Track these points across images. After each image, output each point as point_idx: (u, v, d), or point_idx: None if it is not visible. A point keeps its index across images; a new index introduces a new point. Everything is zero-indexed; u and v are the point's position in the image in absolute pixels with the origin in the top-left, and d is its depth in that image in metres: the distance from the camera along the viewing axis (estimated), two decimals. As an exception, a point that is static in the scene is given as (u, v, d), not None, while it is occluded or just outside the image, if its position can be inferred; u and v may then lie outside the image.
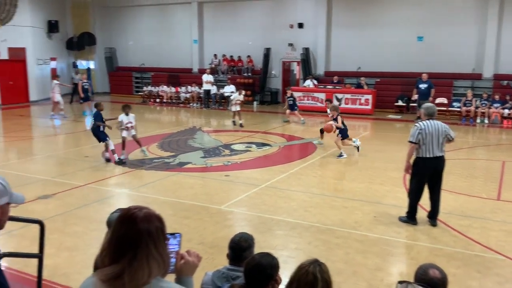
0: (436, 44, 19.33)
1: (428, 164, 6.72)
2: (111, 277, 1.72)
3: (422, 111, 6.89)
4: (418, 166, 6.82)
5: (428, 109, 6.82)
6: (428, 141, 6.63)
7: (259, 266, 2.75)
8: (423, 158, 6.71)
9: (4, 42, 22.14)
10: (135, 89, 26.30)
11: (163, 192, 8.58)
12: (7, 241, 6.02)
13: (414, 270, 5.47)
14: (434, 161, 6.71)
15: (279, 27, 22.51)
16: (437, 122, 6.75)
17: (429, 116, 6.76)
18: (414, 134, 6.68)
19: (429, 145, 6.64)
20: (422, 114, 6.92)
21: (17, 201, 2.36)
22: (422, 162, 6.73)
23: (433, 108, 6.86)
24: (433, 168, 6.77)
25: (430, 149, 6.65)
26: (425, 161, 6.70)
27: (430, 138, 6.62)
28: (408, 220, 6.96)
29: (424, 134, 6.61)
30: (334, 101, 13.79)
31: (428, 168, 6.75)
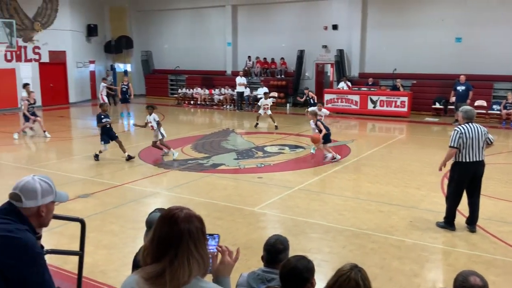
0: (475, 45, 18.80)
1: (468, 169, 6.55)
2: (153, 275, 1.76)
3: (461, 114, 6.71)
4: (457, 171, 6.65)
5: (467, 113, 6.64)
6: (469, 145, 6.46)
7: (295, 270, 2.74)
8: (463, 162, 6.54)
9: (45, 46, 22.96)
10: (170, 91, 26.73)
11: (197, 193, 8.68)
12: (48, 238, 6.20)
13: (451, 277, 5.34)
14: (474, 166, 6.54)
15: (313, 29, 22.40)
16: (476, 125, 6.58)
17: (468, 119, 6.59)
18: (454, 138, 6.50)
19: (469, 149, 6.47)
20: (460, 117, 6.74)
21: (61, 200, 2.45)
22: (462, 166, 6.56)
23: (472, 112, 6.69)
24: (473, 173, 6.59)
25: (470, 153, 6.49)
26: (465, 165, 6.54)
27: (471, 142, 6.46)
28: (446, 225, 6.80)
29: (464, 138, 6.45)
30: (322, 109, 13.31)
31: (468, 172, 6.58)
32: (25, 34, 22.37)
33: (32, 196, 2.25)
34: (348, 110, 19.60)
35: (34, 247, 2.15)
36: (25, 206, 2.23)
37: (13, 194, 2.25)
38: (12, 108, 21.20)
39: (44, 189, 2.30)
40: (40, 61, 22.93)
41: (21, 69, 22.21)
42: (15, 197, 2.24)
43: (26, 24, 22.38)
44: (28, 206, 2.24)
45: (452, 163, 6.71)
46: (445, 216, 6.85)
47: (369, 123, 18.02)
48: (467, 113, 6.63)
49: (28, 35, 22.50)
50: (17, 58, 22.06)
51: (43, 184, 2.30)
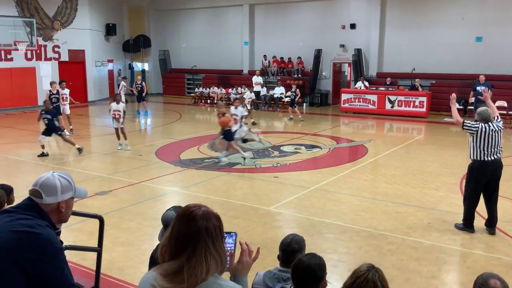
0: (496, 45, 18.48)
1: (486, 168, 6.47)
2: (170, 272, 1.77)
3: (476, 116, 6.63)
4: (475, 170, 6.55)
5: (482, 114, 6.54)
6: (486, 143, 6.37)
7: (308, 269, 2.71)
8: (481, 161, 6.45)
9: (64, 44, 23.28)
10: (187, 91, 26.86)
11: (213, 192, 8.71)
12: (66, 235, 6.29)
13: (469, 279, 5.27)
14: (492, 165, 6.46)
15: (330, 28, 22.28)
16: (494, 124, 6.47)
17: (484, 121, 6.49)
18: (470, 125, 6.49)
19: (487, 148, 6.38)
20: (476, 119, 6.65)
21: (80, 196, 2.48)
22: (481, 166, 6.47)
23: (487, 112, 6.56)
24: (491, 173, 6.51)
25: (488, 152, 6.39)
26: (483, 164, 6.45)
27: (489, 140, 6.37)
28: (465, 227, 6.70)
29: (481, 136, 6.36)
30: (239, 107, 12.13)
31: (487, 172, 6.50)
32: (45, 33, 22.72)
33: (52, 192, 2.28)
34: (366, 110, 19.44)
35: (54, 242, 2.17)
36: (45, 202, 2.26)
37: (33, 191, 2.28)
38: (32, 106, 21.55)
39: (64, 186, 2.33)
40: (60, 60, 23.26)
41: (41, 67, 22.57)
42: (35, 193, 2.27)
43: (46, 23, 22.73)
44: (48, 202, 2.27)
45: (471, 163, 6.62)
46: (463, 218, 6.76)
47: (386, 123, 17.86)
48: (481, 114, 6.52)
49: (48, 34, 22.84)
50: (37, 57, 22.41)
51: (62, 181, 2.33)
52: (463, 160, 11.07)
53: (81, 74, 24.44)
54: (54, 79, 22.68)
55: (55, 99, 14.75)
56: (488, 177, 6.53)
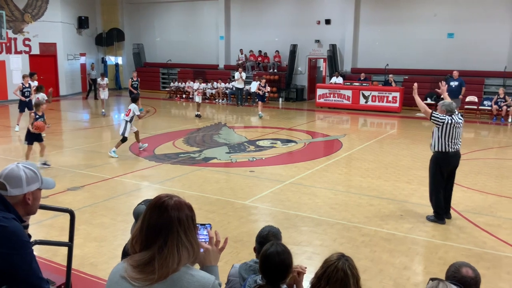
0: (467, 41, 18.89)
1: (450, 159, 6.77)
2: (141, 263, 1.74)
3: (443, 108, 6.83)
4: (440, 161, 6.80)
5: (449, 106, 6.79)
6: (451, 135, 6.65)
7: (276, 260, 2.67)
8: (445, 152, 6.71)
9: (35, 38, 22.70)
10: (162, 85, 26.58)
11: (188, 186, 8.65)
12: (37, 230, 6.17)
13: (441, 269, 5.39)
14: (454, 156, 6.79)
15: (306, 23, 22.36)
16: (457, 117, 6.75)
17: (450, 112, 6.74)
18: (437, 117, 6.69)
19: (451, 140, 6.66)
20: (441, 111, 6.84)
21: (48, 187, 2.41)
22: (445, 157, 6.74)
23: (453, 105, 6.86)
24: (453, 163, 6.84)
25: (451, 143, 6.68)
26: (447, 156, 6.73)
27: (453, 132, 6.64)
28: (436, 219, 6.85)
29: (447, 127, 6.62)
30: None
31: (450, 163, 6.81)
32: (15, 25, 22.10)
33: (17, 184, 2.21)
34: (341, 105, 19.62)
35: (21, 235, 2.11)
36: (10, 194, 2.20)
37: (-2, 183, 2.21)
38: (2, 101, 20.98)
39: (29, 176, 2.26)
40: (31, 53, 22.68)
41: (11, 61, 21.96)
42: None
43: (16, 16, 22.11)
44: (14, 194, 2.20)
45: (435, 154, 6.85)
46: (434, 210, 6.92)
47: (361, 118, 18.07)
48: (448, 107, 6.77)
49: (18, 26, 22.23)
50: (7, 50, 21.80)
51: (27, 172, 2.26)
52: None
53: (53, 67, 23.88)
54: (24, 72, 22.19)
55: (27, 93, 14.32)
56: (450, 167, 6.84)
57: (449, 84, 16.89)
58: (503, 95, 17.18)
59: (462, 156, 11.31)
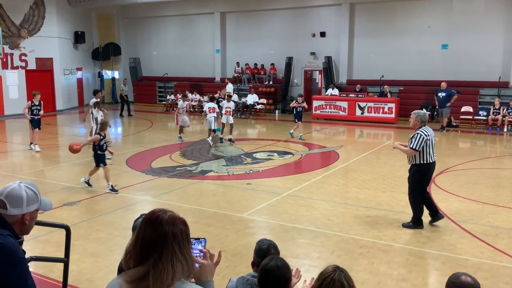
0: (462, 52, 19.06)
1: (432, 168, 7.06)
2: (135, 278, 1.74)
3: (418, 119, 7.04)
4: (425, 172, 7.03)
5: (424, 116, 7.07)
6: (432, 146, 6.94)
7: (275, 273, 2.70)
8: (428, 163, 6.95)
9: (32, 53, 22.77)
10: (158, 98, 26.64)
11: (185, 200, 8.63)
12: (33, 246, 6.13)
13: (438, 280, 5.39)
14: (434, 164, 7.08)
15: (301, 36, 22.54)
16: (428, 128, 7.02)
17: (424, 123, 7.01)
18: (419, 142, 6.86)
19: (431, 151, 6.93)
20: (416, 121, 7.05)
21: (45, 208, 2.40)
22: (428, 167, 6.99)
23: (426, 115, 7.15)
24: (433, 171, 7.16)
25: (431, 154, 6.95)
26: (431, 165, 7.01)
27: (431, 143, 6.93)
28: (415, 225, 7.07)
29: (428, 141, 6.87)
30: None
31: (431, 171, 7.10)
32: (12, 41, 22.18)
33: (17, 203, 2.21)
34: (337, 116, 19.69)
35: (16, 252, 2.11)
36: (9, 214, 2.19)
37: (-2, 201, 2.20)
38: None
39: (30, 197, 2.26)
40: (27, 68, 22.72)
41: (8, 76, 22.00)
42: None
43: (13, 31, 22.21)
44: (13, 214, 2.20)
45: (417, 166, 6.99)
46: (415, 217, 7.11)
47: (357, 129, 18.12)
48: (423, 117, 7.05)
49: (14, 42, 22.31)
50: (3, 66, 21.84)
51: (29, 192, 2.26)
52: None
53: (49, 82, 23.91)
54: (21, 88, 22.21)
55: (36, 111, 13.66)
56: (431, 174, 7.19)
57: (437, 95, 17.16)
58: (499, 106, 17.28)
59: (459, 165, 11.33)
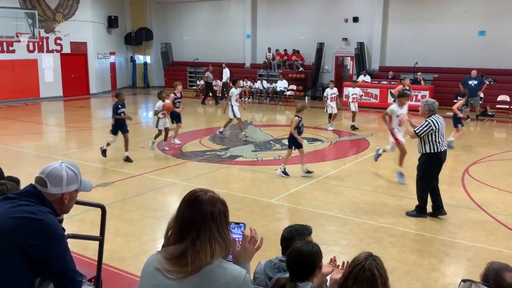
0: (499, 39, 18.41)
1: (442, 158, 6.88)
2: (174, 255, 1.78)
3: (426, 107, 6.87)
4: (435, 162, 6.86)
5: (431, 105, 6.87)
6: (441, 135, 6.76)
7: (301, 256, 2.72)
8: (439, 152, 6.78)
9: (66, 37, 23.23)
10: (189, 84, 26.82)
11: (214, 184, 8.71)
12: (68, 225, 6.27)
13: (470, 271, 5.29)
14: (445, 153, 6.91)
15: (333, 21, 22.20)
16: (440, 116, 6.85)
17: (432, 112, 6.82)
18: (424, 130, 6.74)
19: (442, 139, 6.77)
20: (424, 110, 6.88)
21: (85, 189, 2.47)
22: (438, 156, 6.82)
23: (435, 104, 6.95)
24: (444, 160, 6.95)
25: (441, 143, 6.78)
26: (440, 155, 6.83)
27: (443, 131, 6.77)
28: (419, 214, 6.96)
29: (436, 130, 6.68)
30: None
31: (442, 161, 6.92)
32: (47, 25, 22.66)
33: (57, 182, 2.27)
34: (368, 104, 19.40)
35: (56, 228, 2.18)
36: (49, 192, 2.26)
37: (39, 178, 2.28)
38: (34, 98, 21.57)
39: (70, 177, 2.32)
40: (62, 52, 23.22)
41: (43, 59, 22.54)
42: (40, 181, 2.27)
43: (48, 15, 22.67)
44: (52, 192, 2.27)
45: (426, 155, 6.84)
46: (419, 205, 7.00)
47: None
48: (432, 106, 6.86)
49: (50, 26, 22.79)
50: (39, 49, 22.37)
51: (69, 172, 2.32)
52: (463, 154, 11.08)
53: (83, 66, 24.40)
54: (56, 71, 22.72)
55: (178, 104, 12.27)
56: (442, 164, 6.97)
57: (467, 83, 16.54)
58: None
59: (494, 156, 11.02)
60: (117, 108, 10.35)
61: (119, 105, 10.38)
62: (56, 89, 22.83)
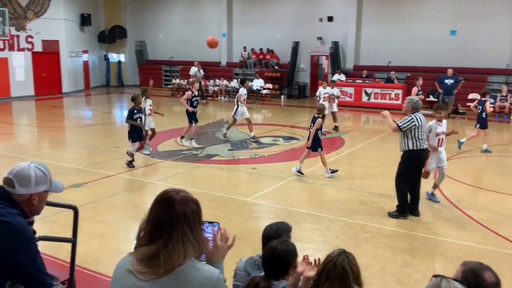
0: (470, 38, 18.84)
1: (423, 155, 6.94)
2: (147, 257, 1.76)
3: (410, 105, 6.90)
4: (416, 159, 6.88)
5: (416, 104, 6.90)
6: (422, 132, 6.80)
7: (275, 254, 2.73)
8: (420, 150, 6.82)
9: (38, 35, 22.72)
10: (164, 82, 26.60)
11: (191, 183, 8.67)
12: (40, 227, 6.14)
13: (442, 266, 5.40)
14: (426, 151, 6.98)
15: (308, 20, 22.33)
16: (421, 115, 6.86)
17: (416, 110, 6.86)
18: (407, 124, 6.75)
19: (423, 136, 6.82)
20: (408, 108, 6.90)
21: (56, 190, 2.42)
22: (419, 154, 6.85)
23: (419, 102, 6.97)
24: (425, 158, 7.05)
25: (423, 139, 6.85)
26: (422, 152, 6.87)
27: (422, 130, 6.81)
28: (400, 214, 6.92)
29: (419, 127, 6.73)
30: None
31: (424, 158, 6.99)
32: (18, 22, 22.12)
33: (25, 183, 2.23)
34: (343, 102, 19.57)
35: (25, 231, 2.14)
36: (17, 193, 2.21)
37: (7, 179, 2.23)
38: (4, 98, 21.02)
39: (39, 177, 2.27)
40: (33, 50, 22.69)
41: (14, 58, 21.99)
42: (7, 181, 2.22)
43: (19, 13, 22.13)
44: (20, 193, 2.22)
45: (409, 151, 6.84)
46: (400, 205, 6.98)
47: (363, 115, 18.05)
48: (416, 104, 6.89)
49: (21, 24, 22.25)
50: (10, 47, 21.81)
51: (38, 172, 2.28)
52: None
53: (55, 65, 23.89)
54: (27, 70, 22.20)
55: (195, 103, 11.85)
56: (423, 162, 7.03)
57: (444, 81, 16.90)
58: (506, 93, 17.13)
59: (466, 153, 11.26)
60: (133, 113, 9.62)
61: (135, 110, 9.66)
62: (27, 88, 22.31)
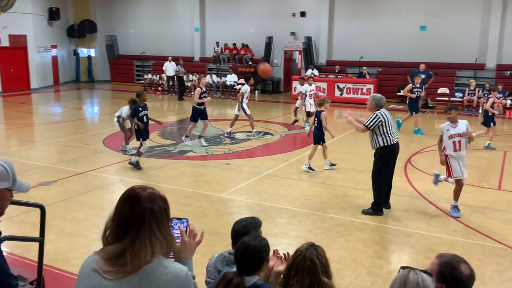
0: (439, 33, 19.21)
1: (396, 150, 6.96)
2: (113, 255, 1.72)
3: (373, 102, 6.96)
4: (390, 154, 6.93)
5: (379, 101, 6.95)
6: (391, 127, 6.82)
7: (248, 250, 2.71)
8: (392, 145, 6.85)
9: (5, 29, 22.04)
10: (136, 78, 26.23)
11: (164, 180, 8.59)
12: (8, 226, 6.03)
13: (413, 257, 5.51)
14: (398, 145, 6.99)
15: (281, 15, 22.35)
16: (385, 111, 6.93)
17: (379, 107, 6.90)
18: (373, 122, 6.79)
19: (392, 131, 6.84)
20: (372, 105, 6.96)
21: (20, 190, 2.31)
22: (392, 149, 6.89)
23: (383, 99, 7.04)
24: (398, 152, 7.05)
25: (394, 134, 6.87)
26: (394, 147, 6.90)
27: (390, 126, 6.82)
28: (375, 212, 6.90)
29: (386, 123, 6.76)
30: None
31: (396, 153, 7.01)
32: (-17, 16, 21.41)
33: None
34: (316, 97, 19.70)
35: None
36: None
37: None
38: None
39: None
40: (0, 46, 22.01)
41: (-21, 53, 21.30)
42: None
43: (-16, 6, 21.42)
44: None
45: (381, 149, 6.87)
46: (375, 203, 6.95)
47: (336, 110, 18.20)
48: (379, 101, 6.95)
49: (-14, 18, 21.54)
50: (-25, 42, 21.12)
51: None
52: (406, 144, 11.49)
53: (23, 60, 23.24)
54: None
55: (204, 97, 11.55)
56: (396, 156, 7.05)
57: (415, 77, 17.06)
58: (474, 87, 17.56)
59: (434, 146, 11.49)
60: (138, 111, 9.15)
61: (140, 108, 9.18)
62: (-7, 83, 21.65)
